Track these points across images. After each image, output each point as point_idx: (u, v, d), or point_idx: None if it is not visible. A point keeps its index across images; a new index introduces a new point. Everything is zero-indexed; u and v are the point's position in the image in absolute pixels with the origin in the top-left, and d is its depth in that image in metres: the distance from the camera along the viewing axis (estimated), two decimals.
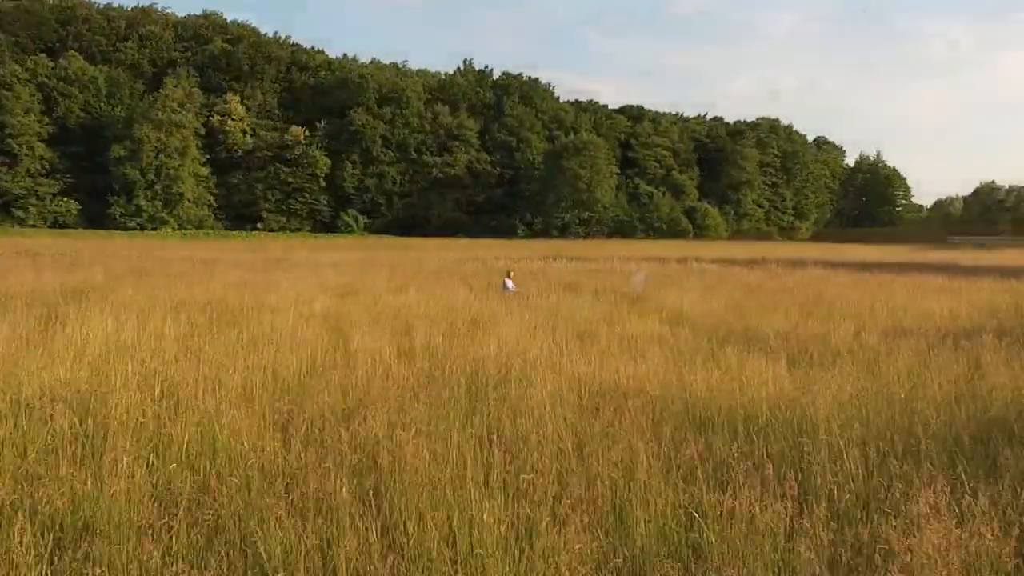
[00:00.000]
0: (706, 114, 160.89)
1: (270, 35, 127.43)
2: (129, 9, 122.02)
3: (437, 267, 31.34)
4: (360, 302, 16.63)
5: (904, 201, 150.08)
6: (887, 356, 11.20)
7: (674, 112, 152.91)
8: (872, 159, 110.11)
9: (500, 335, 12.48)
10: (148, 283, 20.58)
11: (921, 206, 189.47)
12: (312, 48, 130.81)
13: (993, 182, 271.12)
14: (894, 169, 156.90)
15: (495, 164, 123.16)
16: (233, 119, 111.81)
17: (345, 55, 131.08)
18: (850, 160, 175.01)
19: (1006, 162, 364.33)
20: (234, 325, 13.02)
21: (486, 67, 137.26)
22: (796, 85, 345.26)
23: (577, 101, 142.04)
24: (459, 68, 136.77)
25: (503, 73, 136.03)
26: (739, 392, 8.31)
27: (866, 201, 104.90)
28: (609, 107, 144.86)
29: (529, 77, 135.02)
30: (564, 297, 19.79)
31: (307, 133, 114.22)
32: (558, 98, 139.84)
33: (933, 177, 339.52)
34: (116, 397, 7.00)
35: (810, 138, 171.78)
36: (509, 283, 21.61)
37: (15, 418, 6.42)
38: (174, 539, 4.38)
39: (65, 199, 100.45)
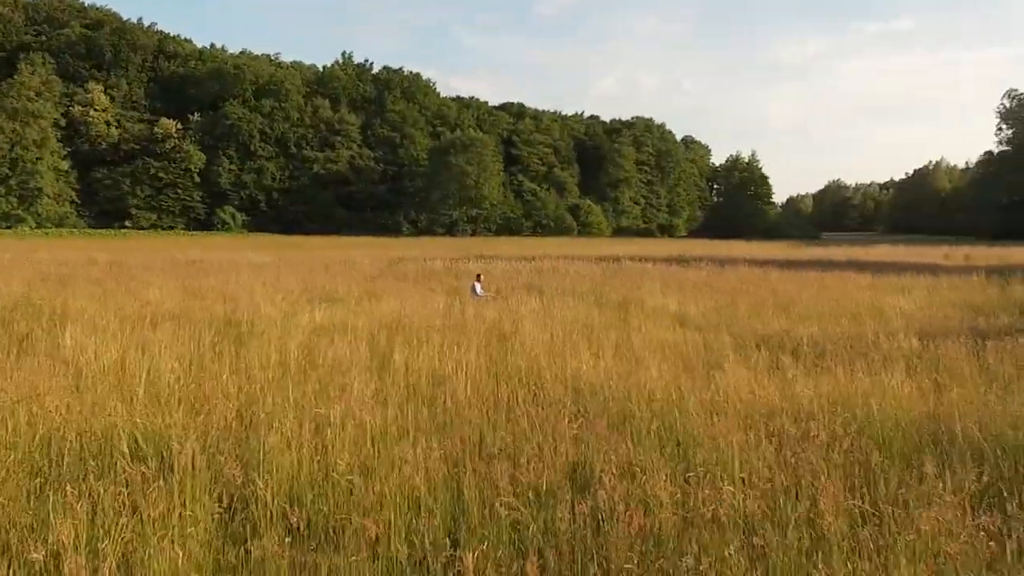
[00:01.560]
0: (583, 112, 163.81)
1: (133, 21, 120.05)
2: None
3: (377, 270, 29.80)
4: (355, 312, 15.32)
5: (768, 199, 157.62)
6: (951, 360, 11.14)
7: (552, 110, 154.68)
8: (747, 159, 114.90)
9: (546, 348, 11.68)
10: (85, 292, 18.41)
11: (775, 203, 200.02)
12: (179, 36, 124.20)
13: (840, 180, 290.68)
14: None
15: (378, 160, 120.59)
16: (96, 110, 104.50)
17: (213, 44, 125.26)
18: (716, 159, 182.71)
19: (849, 162, 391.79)
20: (247, 342, 11.63)
21: (366, 61, 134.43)
22: (657, 85, 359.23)
23: (459, 97, 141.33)
24: (338, 61, 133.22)
25: (383, 67, 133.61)
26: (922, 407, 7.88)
27: (741, 199, 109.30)
28: (490, 104, 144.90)
29: (411, 72, 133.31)
30: (540, 301, 18.96)
31: (179, 126, 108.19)
32: (439, 94, 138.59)
33: (783, 177, 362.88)
34: (271, 445, 5.82)
35: (676, 137, 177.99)
36: (479, 287, 20.69)
37: (166, 478, 5.17)
38: None
39: None
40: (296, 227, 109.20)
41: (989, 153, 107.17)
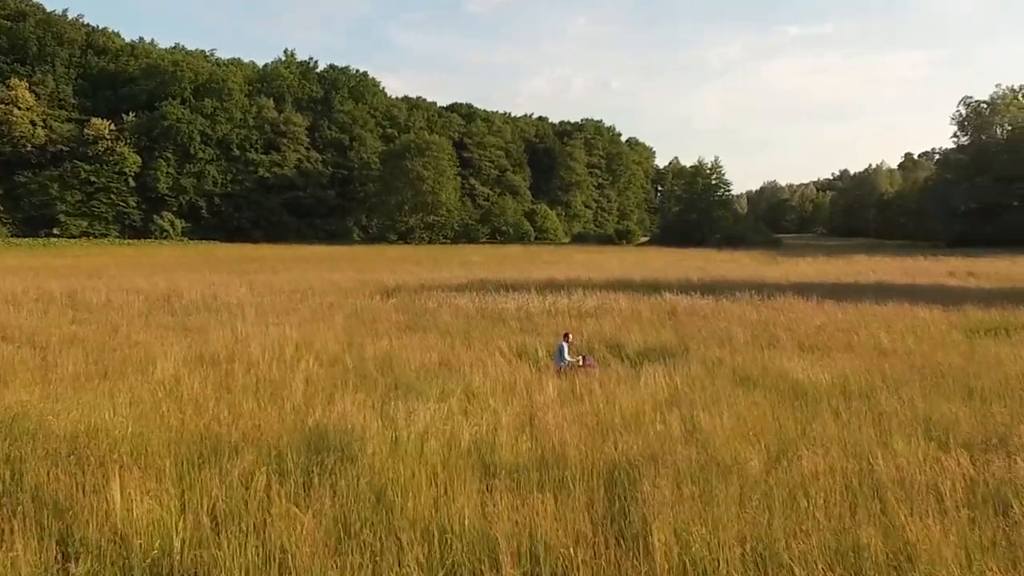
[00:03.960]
0: (533, 114, 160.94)
1: (59, 13, 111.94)
2: None
3: (401, 313, 25.48)
4: (461, 408, 11.42)
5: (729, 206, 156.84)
6: None
7: (503, 112, 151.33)
8: (710, 165, 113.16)
9: (783, 492, 8.10)
10: (78, 369, 14.11)
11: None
12: (109, 29, 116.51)
13: (775, 182, 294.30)
14: None
15: (326, 163, 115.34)
16: (20, 108, 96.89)
17: (142, 39, 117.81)
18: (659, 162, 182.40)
19: (774, 162, 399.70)
20: (392, 509, 7.74)
21: (310, 59, 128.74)
22: (587, 85, 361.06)
23: (407, 97, 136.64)
24: (281, 59, 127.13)
25: (329, 66, 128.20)
26: None
27: (704, 206, 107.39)
28: (439, 104, 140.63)
29: (357, 71, 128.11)
30: (651, 373, 15.18)
31: (112, 126, 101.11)
32: (387, 94, 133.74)
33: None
34: None
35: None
36: (566, 351, 16.73)
37: None
38: None
39: None
40: (240, 235, 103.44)
41: (928, 155, 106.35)
